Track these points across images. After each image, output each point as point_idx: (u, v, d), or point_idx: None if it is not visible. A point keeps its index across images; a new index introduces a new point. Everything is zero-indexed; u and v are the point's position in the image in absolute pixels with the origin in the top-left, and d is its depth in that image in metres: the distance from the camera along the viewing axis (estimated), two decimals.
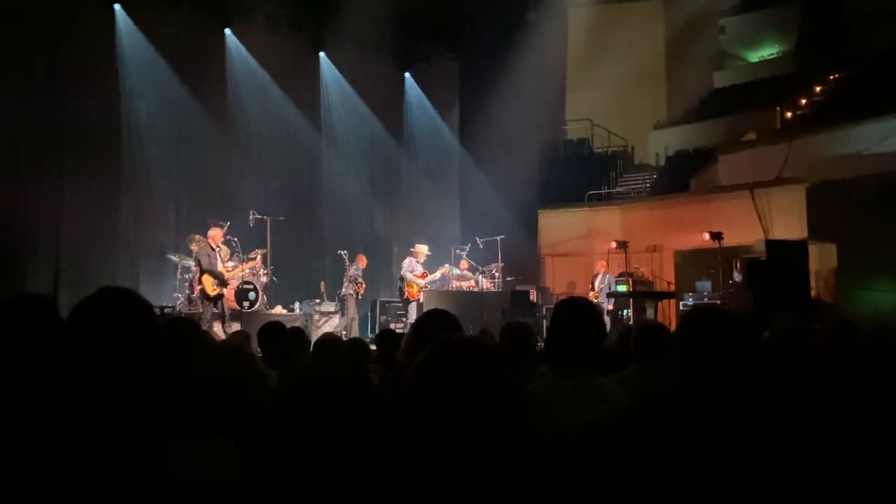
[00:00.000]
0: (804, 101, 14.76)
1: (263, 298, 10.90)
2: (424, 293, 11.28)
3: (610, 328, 8.71)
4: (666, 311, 12.31)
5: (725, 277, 11.07)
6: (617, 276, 12.26)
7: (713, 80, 18.68)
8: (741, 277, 11.01)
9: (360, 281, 11.24)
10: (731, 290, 11.00)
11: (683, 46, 17.37)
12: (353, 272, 11.35)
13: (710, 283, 11.45)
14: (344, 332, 10.65)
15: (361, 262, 11.53)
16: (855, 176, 11.11)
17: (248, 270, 10.50)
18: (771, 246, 10.53)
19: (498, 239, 12.35)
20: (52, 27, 11.03)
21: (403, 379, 1.29)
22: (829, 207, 11.41)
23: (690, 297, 11.43)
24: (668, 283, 12.71)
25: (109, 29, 11.61)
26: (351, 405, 2.80)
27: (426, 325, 2.47)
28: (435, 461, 1.21)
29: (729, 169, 13.55)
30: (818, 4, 15.98)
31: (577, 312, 2.40)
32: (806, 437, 1.53)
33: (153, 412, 1.38)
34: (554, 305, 2.56)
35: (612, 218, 14.29)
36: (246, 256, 10.76)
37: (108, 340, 1.36)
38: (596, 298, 11.47)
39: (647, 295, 11.81)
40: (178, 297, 10.82)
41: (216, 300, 9.39)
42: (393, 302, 12.99)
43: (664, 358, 3.48)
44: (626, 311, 11.63)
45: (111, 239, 11.48)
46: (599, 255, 12.81)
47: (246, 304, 10.44)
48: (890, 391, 2.60)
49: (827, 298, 11.18)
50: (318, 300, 11.88)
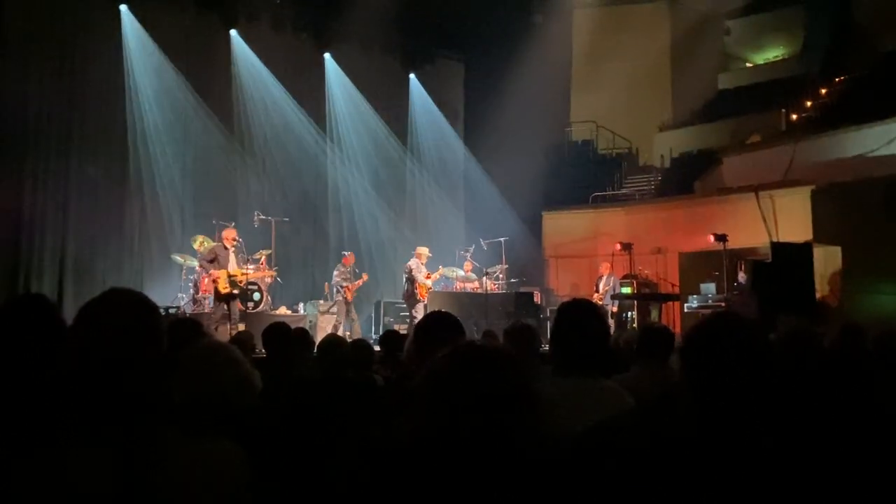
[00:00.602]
0: (809, 103, 14.72)
1: (268, 299, 10.92)
2: (429, 294, 11.26)
3: (614, 330, 8.69)
4: (670, 313, 12.28)
5: (730, 280, 11.04)
6: (621, 278, 12.24)
7: (718, 82, 18.65)
8: (746, 280, 10.97)
9: (346, 284, 11.07)
10: (735, 292, 10.96)
11: (688, 48, 17.33)
12: (336, 277, 11.23)
13: (714, 285, 11.41)
14: (348, 333, 10.64)
15: (347, 261, 11.44)
16: (860, 178, 11.07)
17: (266, 278, 10.47)
18: (776, 248, 10.50)
19: (502, 240, 12.34)
20: (58, 28, 11.09)
21: (416, 383, 1.28)
22: (834, 210, 11.37)
23: (695, 299, 11.39)
24: (672, 285, 12.67)
25: (115, 30, 11.66)
26: (355, 406, 2.80)
27: (429, 326, 2.47)
28: (448, 466, 1.20)
29: (734, 171, 13.52)
30: (823, 6, 15.94)
31: (580, 314, 2.40)
32: (811, 441, 1.53)
33: (158, 413, 1.38)
34: (557, 307, 2.55)
35: (616, 220, 14.27)
36: (250, 257, 10.77)
37: (116, 342, 1.36)
38: (600, 301, 11.45)
39: (651, 297, 11.78)
40: (182, 297, 10.85)
41: (227, 300, 9.31)
42: (397, 303, 12.98)
43: (668, 360, 3.49)
44: (630, 313, 11.61)
45: (116, 239, 11.53)
46: (604, 257, 12.78)
47: (250, 304, 10.46)
48: None
49: (832, 302, 11.14)
50: (322, 301, 11.88)
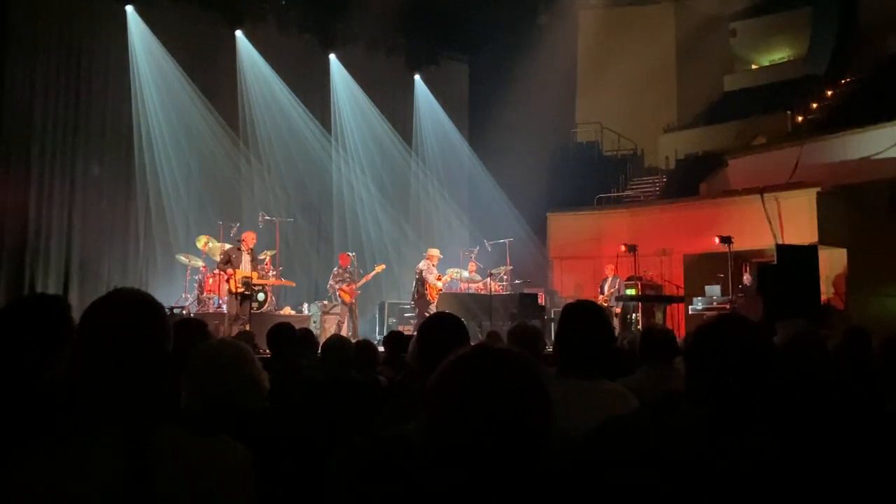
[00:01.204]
0: (815, 105, 14.68)
1: (272, 299, 10.93)
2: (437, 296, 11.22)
3: (618, 332, 8.68)
4: (675, 315, 12.25)
5: (735, 282, 11.02)
6: (626, 279, 12.22)
7: (724, 83, 18.62)
8: (751, 282, 10.95)
9: (342, 285, 11.06)
10: (740, 294, 10.94)
11: (694, 50, 17.30)
12: (331, 280, 11.25)
13: (719, 287, 11.39)
14: (350, 333, 10.65)
15: (343, 260, 11.42)
16: (866, 180, 11.05)
17: (270, 275, 10.48)
18: (781, 250, 10.48)
19: (506, 241, 12.33)
20: (64, 28, 11.13)
21: (428, 385, 1.27)
22: (839, 212, 11.35)
23: (699, 301, 11.38)
24: (677, 287, 12.65)
25: (121, 30, 11.69)
26: (359, 406, 2.81)
27: (432, 328, 2.47)
28: (462, 471, 1.19)
29: (739, 173, 13.49)
30: (829, 8, 15.89)
31: (584, 316, 2.39)
32: (816, 445, 1.52)
33: (164, 412, 1.39)
34: (562, 308, 2.55)
35: (621, 221, 14.25)
36: (255, 257, 10.78)
37: (121, 341, 1.37)
38: (605, 303, 11.44)
39: (656, 299, 11.76)
40: (187, 297, 10.88)
41: (241, 300, 9.34)
42: (400, 304, 12.98)
43: (673, 362, 3.48)
44: (634, 314, 11.58)
45: (121, 239, 11.57)
46: (608, 258, 12.76)
47: (255, 304, 10.47)
48: None
49: (837, 304, 11.11)
50: (325, 301, 11.89)
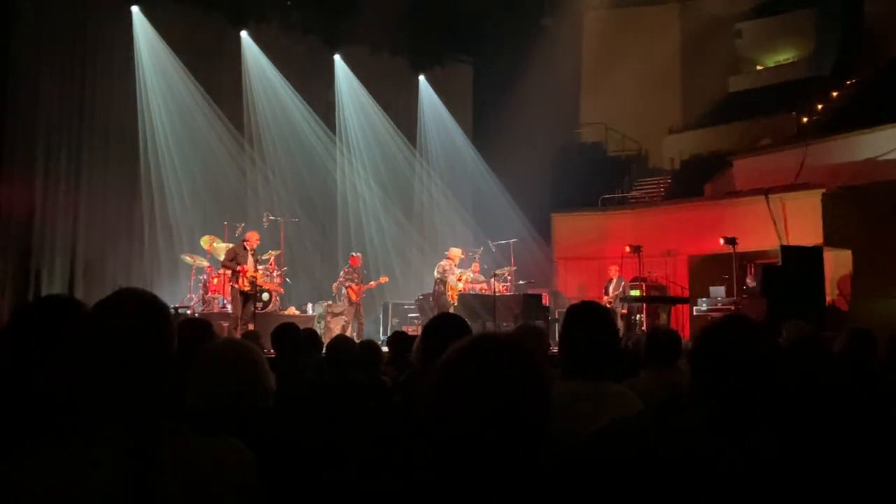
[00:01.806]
0: (821, 106, 14.64)
1: (277, 299, 10.95)
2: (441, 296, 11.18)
3: (623, 333, 8.67)
4: (679, 316, 12.23)
5: (739, 283, 10.99)
6: (630, 280, 12.20)
7: (729, 84, 18.55)
8: (755, 283, 10.92)
9: (351, 284, 11.09)
10: (745, 295, 10.91)
11: (699, 51, 17.25)
12: (340, 277, 11.29)
13: (723, 288, 11.36)
14: (355, 334, 10.66)
15: (354, 261, 11.45)
16: (871, 182, 11.00)
17: (267, 275, 10.50)
18: (786, 252, 10.46)
19: (511, 242, 12.32)
20: (69, 28, 11.16)
21: (429, 373, 1.27)
22: (844, 213, 11.31)
23: (704, 302, 11.34)
24: (681, 288, 12.63)
25: (127, 31, 11.72)
26: (363, 407, 2.81)
27: (436, 328, 2.47)
28: (459, 464, 1.19)
29: (744, 174, 13.46)
30: (835, 10, 15.85)
31: (589, 317, 2.39)
32: (819, 446, 1.52)
33: (168, 412, 1.39)
34: (566, 309, 2.55)
35: (625, 222, 14.23)
36: (259, 257, 10.80)
37: (126, 341, 1.37)
38: (610, 304, 11.42)
39: (660, 300, 11.74)
40: (192, 297, 10.90)
41: (245, 299, 9.38)
42: (404, 304, 12.99)
43: (677, 364, 3.48)
44: (638, 315, 11.56)
45: (126, 239, 11.59)
46: (612, 259, 12.74)
47: (259, 304, 10.49)
48: None
49: (842, 306, 11.08)
50: (330, 301, 11.91)
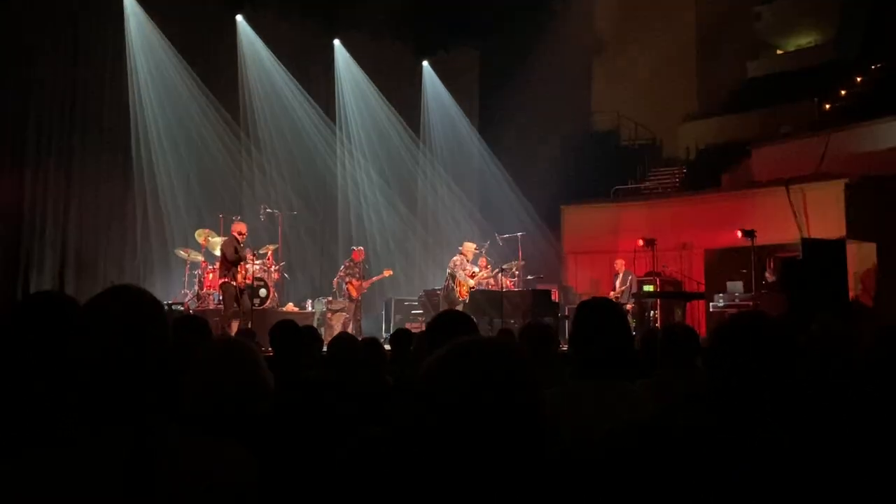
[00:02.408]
0: (844, 92, 14.57)
1: (274, 296, 10.97)
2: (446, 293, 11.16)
3: (633, 330, 8.67)
4: (695, 312, 12.22)
5: (758, 278, 10.97)
6: (643, 275, 12.19)
7: (747, 69, 18.49)
8: (775, 278, 10.90)
9: (352, 279, 11.10)
10: (763, 291, 10.90)
11: (716, 35, 17.19)
12: (340, 272, 11.31)
13: (741, 283, 11.34)
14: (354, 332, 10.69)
15: (356, 256, 11.44)
16: None
17: (258, 266, 10.52)
18: (807, 245, 10.42)
19: (518, 236, 12.31)
20: (60, 15, 11.15)
21: (416, 378, 1.29)
22: (868, 204, 11.26)
23: (721, 298, 11.34)
24: (697, 283, 12.62)
25: (118, 17, 11.72)
26: (366, 407, 2.82)
27: (441, 326, 2.48)
28: (445, 468, 1.20)
29: (763, 163, 13.42)
30: None
31: (600, 313, 2.39)
32: (842, 449, 1.52)
33: (164, 413, 1.40)
34: (577, 306, 2.55)
35: (639, 214, 14.21)
36: (256, 252, 10.82)
37: (119, 340, 1.37)
38: (617, 299, 11.41)
39: (675, 295, 11.74)
40: (186, 293, 10.93)
41: (240, 295, 9.40)
42: (406, 300, 13.01)
43: (693, 363, 3.47)
44: (652, 312, 11.56)
45: (118, 233, 11.62)
46: (625, 253, 12.72)
47: (256, 301, 10.51)
48: None
49: (866, 301, 11.04)
50: (330, 298, 11.93)
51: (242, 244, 9.57)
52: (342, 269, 11.36)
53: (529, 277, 12.47)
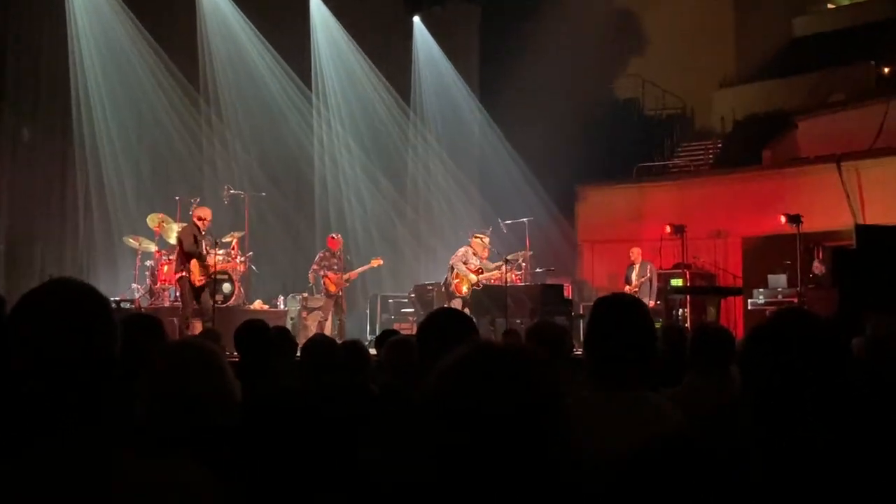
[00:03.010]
0: None
1: (240, 291, 10.97)
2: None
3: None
4: (731, 311, 12.26)
5: (805, 270, 11.01)
6: (671, 267, 12.23)
7: (793, 28, 18.48)
8: (824, 271, 10.93)
9: (329, 271, 11.10)
10: (811, 286, 10.94)
11: None
12: (314, 265, 11.30)
13: (785, 276, 11.39)
14: (335, 333, 10.70)
15: (332, 244, 11.46)
16: None
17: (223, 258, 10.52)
18: (862, 232, 10.44)
19: (525, 222, 12.33)
20: None
21: (419, 394, 1.30)
22: None
23: (761, 294, 11.38)
24: (733, 276, 12.66)
25: None
26: (347, 419, 2.82)
27: (434, 327, 2.49)
28: (456, 490, 1.21)
29: (811, 137, 13.45)
30: None
31: (621, 312, 2.40)
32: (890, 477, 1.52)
33: (110, 427, 1.40)
34: (593, 303, 2.56)
35: (666, 196, 14.23)
36: (219, 240, 10.80)
37: (58, 341, 1.38)
38: (635, 294, 11.44)
39: (707, 291, 11.76)
40: (137, 288, 10.92)
41: (199, 293, 9.44)
42: (395, 296, 13.03)
43: (728, 369, 3.49)
44: (681, 310, 11.60)
45: (57, 217, 11.58)
46: (650, 242, 12.75)
47: (219, 298, 10.50)
48: None
49: None
50: (305, 294, 11.93)
51: (205, 233, 9.55)
52: (317, 259, 11.37)
53: (538, 270, 12.49)
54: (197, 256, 9.47)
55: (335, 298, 11.19)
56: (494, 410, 1.22)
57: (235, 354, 4.37)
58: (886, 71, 14.61)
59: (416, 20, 15.38)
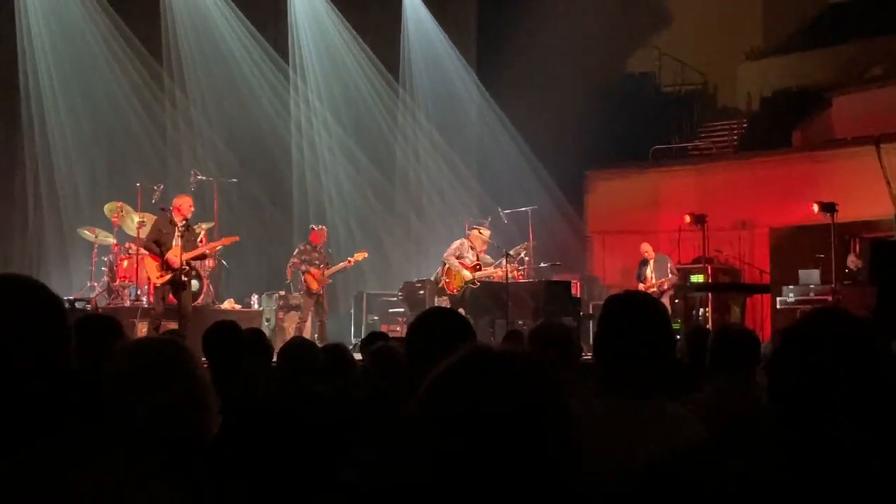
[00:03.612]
0: None
1: (209, 289, 10.97)
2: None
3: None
4: (757, 310, 12.29)
5: (840, 265, 11.04)
6: (691, 262, 12.25)
7: None
8: (861, 265, 10.96)
9: (311, 267, 11.10)
10: (847, 282, 10.97)
11: None
12: (294, 258, 11.28)
13: (818, 272, 11.41)
14: (316, 335, 10.71)
15: (315, 237, 11.47)
16: None
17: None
18: None
19: (528, 211, 12.34)
20: None
21: (408, 405, 1.31)
22: None
23: (791, 291, 11.40)
24: (760, 272, 12.68)
25: None
26: (328, 429, 2.84)
27: (425, 328, 2.49)
28: None
29: (847, 115, 13.46)
30: None
31: (635, 311, 2.40)
32: None
33: (63, 439, 1.40)
34: (604, 302, 2.56)
35: (685, 183, 14.25)
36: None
37: (4, 345, 1.38)
38: (653, 293, 11.44)
39: (731, 288, 11.81)
40: (93, 285, 10.90)
41: (177, 292, 9.37)
42: (384, 295, 13.02)
43: (753, 375, 3.50)
44: (702, 310, 11.62)
45: (3, 207, 11.56)
46: (667, 233, 12.77)
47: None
48: None
49: None
50: (283, 292, 11.93)
51: (182, 227, 9.38)
52: (296, 253, 11.35)
53: (543, 265, 12.50)
54: (157, 254, 9.32)
55: (316, 297, 11.17)
56: (492, 411, 1.23)
57: (203, 359, 4.37)
58: None
59: None
